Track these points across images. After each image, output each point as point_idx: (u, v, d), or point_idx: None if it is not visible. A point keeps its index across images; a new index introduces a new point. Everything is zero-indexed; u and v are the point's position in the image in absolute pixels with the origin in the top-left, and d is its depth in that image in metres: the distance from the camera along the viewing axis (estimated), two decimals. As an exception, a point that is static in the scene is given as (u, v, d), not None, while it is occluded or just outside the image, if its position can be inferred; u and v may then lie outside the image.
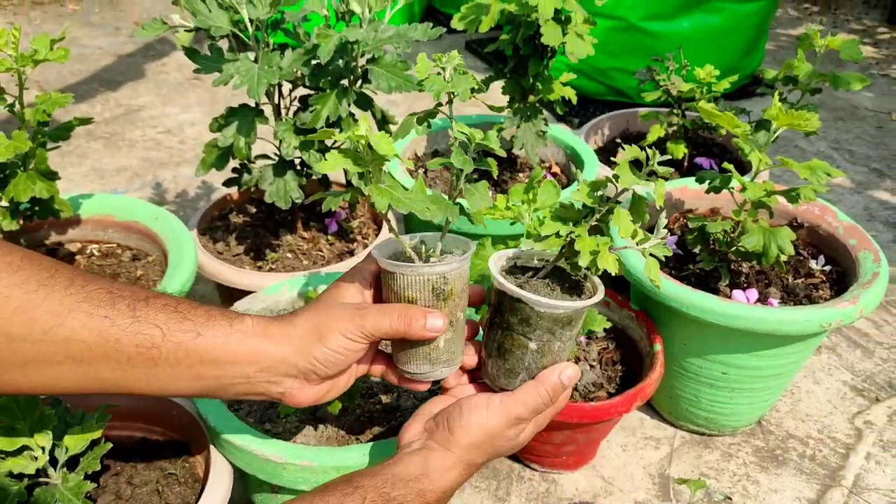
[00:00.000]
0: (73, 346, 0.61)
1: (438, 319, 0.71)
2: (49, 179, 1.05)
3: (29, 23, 3.21)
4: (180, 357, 0.65)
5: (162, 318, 0.65)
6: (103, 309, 0.62)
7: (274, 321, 0.70)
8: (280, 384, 0.70)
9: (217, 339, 0.66)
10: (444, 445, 0.71)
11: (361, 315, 0.70)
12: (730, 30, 2.42)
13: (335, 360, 0.70)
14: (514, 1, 1.25)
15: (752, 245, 1.13)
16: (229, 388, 0.69)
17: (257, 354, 0.68)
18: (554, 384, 0.73)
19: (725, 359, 1.19)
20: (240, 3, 1.07)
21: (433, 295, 0.72)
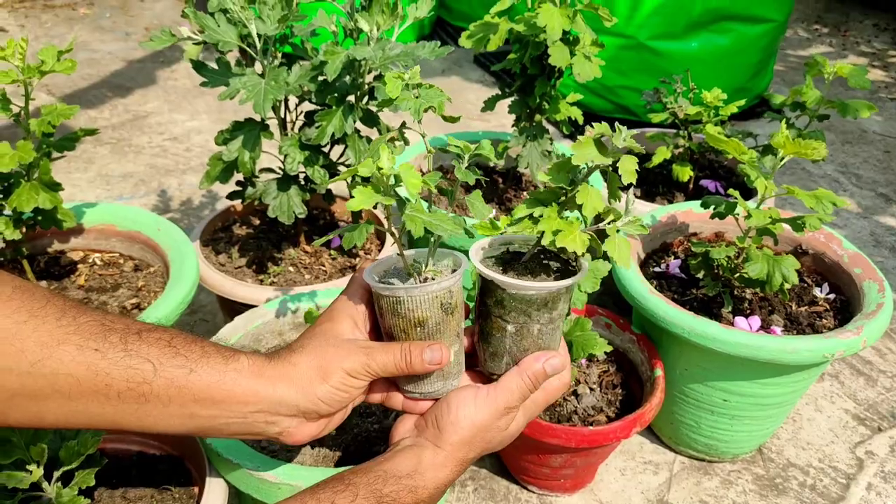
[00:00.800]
0: (61, 379, 0.60)
1: (437, 353, 0.70)
2: (52, 190, 1.05)
3: (40, 26, 3.22)
4: (172, 395, 0.63)
5: (154, 353, 0.63)
6: (94, 342, 0.61)
7: (270, 361, 0.68)
8: (277, 424, 0.68)
9: (212, 377, 0.65)
10: (434, 442, 0.70)
11: (367, 353, 0.69)
12: (738, 51, 2.42)
13: (339, 399, 0.69)
14: (523, 21, 1.25)
15: (755, 273, 1.13)
16: (224, 427, 0.67)
17: (255, 396, 0.66)
18: (536, 371, 0.72)
19: (727, 386, 1.18)
20: (248, 18, 1.07)
21: (442, 310, 0.71)
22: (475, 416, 0.70)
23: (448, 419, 0.70)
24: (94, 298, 1.21)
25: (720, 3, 2.32)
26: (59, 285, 1.23)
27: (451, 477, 0.71)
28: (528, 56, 1.29)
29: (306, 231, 1.41)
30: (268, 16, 1.09)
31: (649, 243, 1.37)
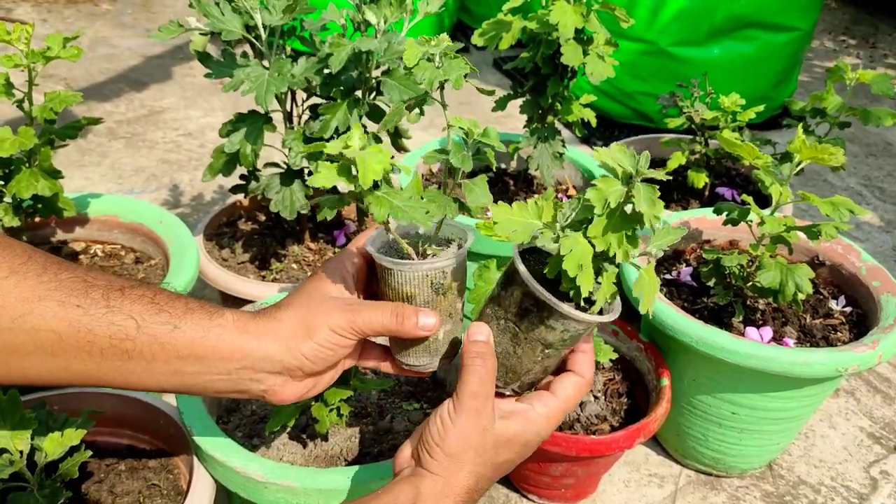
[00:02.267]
0: (42, 335, 0.59)
1: (431, 318, 0.68)
2: (52, 177, 1.04)
3: (62, 20, 3.24)
4: (155, 351, 0.62)
5: (137, 309, 0.62)
6: (76, 298, 0.60)
7: (255, 316, 0.67)
8: (262, 381, 0.67)
9: (195, 332, 0.63)
10: (430, 470, 0.66)
11: (353, 311, 0.67)
12: (762, 59, 2.38)
13: (324, 356, 0.67)
14: (536, 19, 1.22)
15: (768, 281, 1.09)
16: (209, 385, 0.66)
17: (240, 351, 0.65)
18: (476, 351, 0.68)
19: (736, 398, 1.15)
20: (254, 8, 1.05)
21: (432, 290, 0.69)
22: (453, 426, 0.66)
23: (432, 439, 0.67)
24: (93, 289, 1.19)
25: (744, 10, 2.28)
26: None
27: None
28: (541, 55, 1.27)
29: (311, 228, 1.39)
30: (274, 6, 1.07)
31: (660, 250, 1.34)
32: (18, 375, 0.61)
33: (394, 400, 1.07)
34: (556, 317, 0.66)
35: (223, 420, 1.03)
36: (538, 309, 0.67)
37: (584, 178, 1.54)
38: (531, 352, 0.69)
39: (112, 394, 1.02)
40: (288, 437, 1.00)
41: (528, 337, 0.68)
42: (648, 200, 0.62)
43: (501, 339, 0.70)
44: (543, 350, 0.69)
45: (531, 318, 0.67)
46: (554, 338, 0.68)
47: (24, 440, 0.83)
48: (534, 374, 0.72)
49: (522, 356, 0.70)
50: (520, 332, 0.69)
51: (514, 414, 0.69)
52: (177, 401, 0.97)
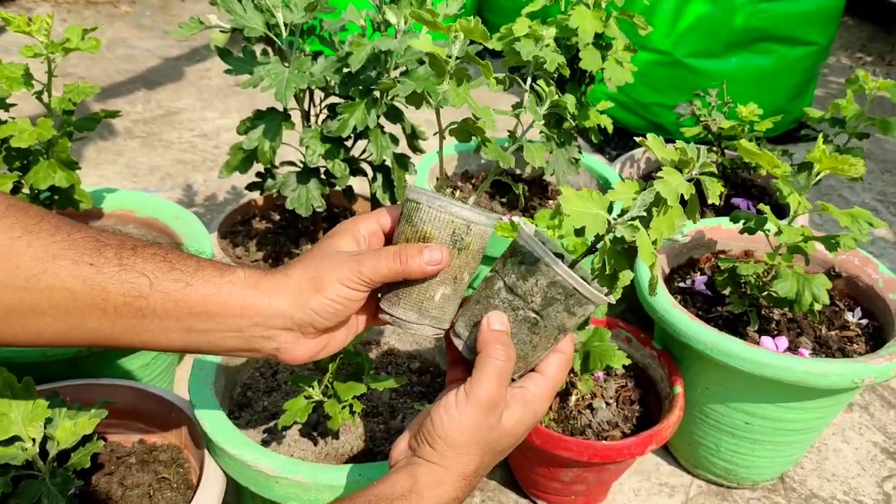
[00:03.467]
0: (57, 294, 0.59)
1: (437, 252, 0.66)
2: (70, 168, 1.05)
3: (81, 21, 3.27)
4: (168, 308, 0.62)
5: (150, 267, 0.62)
6: (89, 256, 0.60)
7: (267, 274, 0.67)
8: (274, 339, 0.66)
9: (207, 289, 0.63)
10: (428, 459, 0.65)
11: (358, 260, 0.66)
12: (778, 72, 2.37)
13: (334, 311, 0.66)
14: (555, 23, 1.22)
15: (784, 290, 1.08)
16: (220, 342, 0.66)
17: (251, 308, 0.64)
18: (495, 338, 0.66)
19: (749, 408, 1.14)
20: (275, 5, 1.06)
21: (451, 240, 0.67)
22: (460, 419, 0.64)
23: (435, 431, 0.65)
24: (107, 283, 1.20)
25: (761, 24, 2.27)
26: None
27: (453, 494, 0.65)
28: (559, 60, 1.26)
29: (325, 228, 1.39)
30: (296, 4, 1.07)
31: (675, 258, 1.33)
32: (33, 335, 0.62)
33: (405, 400, 1.07)
34: (583, 302, 0.66)
35: (234, 415, 1.03)
36: (566, 297, 0.66)
37: (599, 184, 1.54)
38: (546, 339, 0.69)
39: (125, 386, 1.02)
40: (299, 434, 1.00)
41: (548, 325, 0.68)
42: (714, 193, 0.64)
43: (518, 330, 0.69)
44: (557, 336, 0.69)
45: (556, 306, 0.67)
46: (571, 323, 0.68)
47: (38, 428, 0.83)
48: (538, 359, 0.71)
49: (538, 344, 0.69)
50: (540, 321, 0.68)
51: (513, 399, 0.68)
52: (189, 395, 0.97)
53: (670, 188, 0.62)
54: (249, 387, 1.08)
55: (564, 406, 1.16)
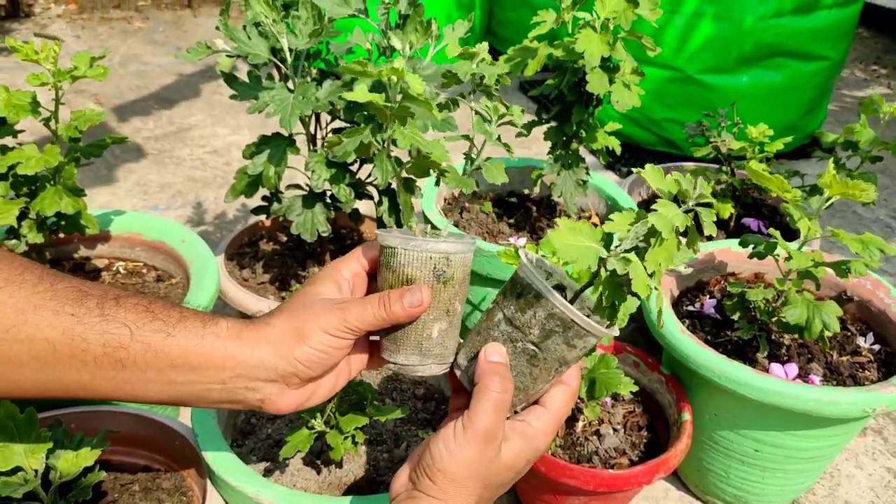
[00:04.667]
0: (37, 345, 0.59)
1: (417, 294, 0.66)
2: (76, 195, 1.05)
3: (95, 37, 3.30)
4: (149, 360, 0.62)
5: (132, 318, 0.61)
6: (70, 306, 0.60)
7: (249, 324, 0.66)
8: (258, 390, 0.65)
9: (189, 340, 0.63)
10: (428, 493, 0.64)
11: (343, 308, 0.65)
12: (791, 88, 2.36)
13: (319, 360, 0.65)
14: (561, 47, 1.22)
15: (794, 318, 1.07)
16: (205, 394, 0.65)
17: (233, 359, 0.64)
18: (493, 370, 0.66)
19: (758, 435, 1.12)
20: (280, 32, 1.06)
21: (433, 276, 0.67)
22: (459, 453, 0.64)
23: (434, 464, 0.64)
24: (113, 307, 1.20)
25: (774, 39, 2.26)
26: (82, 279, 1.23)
27: None
28: (566, 82, 1.26)
29: (332, 250, 1.39)
30: (300, 30, 1.07)
31: (683, 281, 1.32)
32: (12, 387, 0.61)
33: (409, 427, 1.06)
34: (583, 335, 0.65)
35: (238, 443, 1.03)
36: (564, 329, 0.66)
37: (608, 205, 1.53)
38: (547, 372, 0.68)
39: (128, 413, 1.02)
40: (302, 463, 0.99)
41: (547, 357, 0.67)
42: (710, 224, 0.64)
43: (517, 362, 0.68)
44: (558, 368, 0.68)
45: (555, 339, 0.66)
46: (572, 355, 0.67)
47: (40, 459, 0.83)
48: (541, 392, 0.71)
49: (538, 376, 0.68)
50: (539, 353, 0.67)
51: (513, 433, 0.67)
52: (192, 423, 0.96)
53: (665, 220, 0.62)
54: (253, 414, 1.08)
55: (571, 432, 1.14)
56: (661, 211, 0.62)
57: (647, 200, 1.70)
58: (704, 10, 2.24)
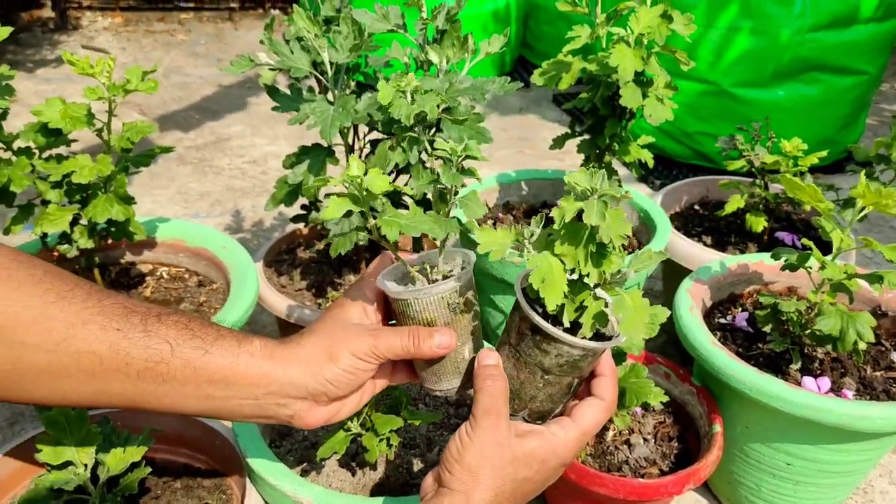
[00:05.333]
0: (84, 357, 0.62)
1: (445, 337, 0.72)
2: (126, 203, 1.09)
3: (140, 49, 3.39)
4: (188, 375, 0.65)
5: (172, 334, 0.65)
6: (116, 322, 0.63)
7: (281, 343, 0.70)
8: (288, 406, 0.70)
9: (225, 358, 0.67)
10: (450, 487, 0.68)
11: (374, 335, 0.70)
12: (827, 102, 2.34)
13: (346, 381, 0.70)
14: (595, 61, 1.24)
15: (827, 328, 1.07)
16: (237, 409, 0.69)
17: (266, 377, 0.68)
18: (486, 373, 0.72)
19: (790, 448, 1.12)
20: (321, 46, 1.09)
21: (450, 311, 0.72)
22: (469, 442, 0.68)
23: (451, 456, 0.69)
24: (157, 310, 1.24)
25: (810, 53, 2.26)
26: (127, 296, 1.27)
27: None
28: (600, 96, 1.28)
29: (368, 258, 1.42)
30: (341, 45, 1.11)
31: (716, 293, 1.33)
32: (60, 397, 0.65)
33: (442, 432, 1.08)
34: (549, 340, 0.69)
35: (276, 444, 1.06)
36: (532, 332, 0.70)
37: (640, 218, 1.54)
38: (532, 377, 0.72)
39: (171, 413, 1.05)
40: (338, 465, 1.02)
41: (527, 361, 0.72)
42: (599, 214, 0.66)
43: (507, 365, 0.74)
44: (543, 376, 0.72)
45: (527, 342, 0.71)
46: (550, 363, 0.71)
47: (89, 454, 0.87)
48: (539, 401, 0.74)
49: (525, 382, 0.73)
50: (520, 357, 0.72)
51: (530, 433, 0.72)
52: (233, 424, 1.00)
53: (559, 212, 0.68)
54: (291, 415, 1.11)
55: (601, 441, 1.16)
56: (562, 203, 0.69)
57: (681, 213, 1.71)
58: (741, 25, 2.25)
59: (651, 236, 1.44)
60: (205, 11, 4.02)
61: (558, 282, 0.69)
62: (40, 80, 2.97)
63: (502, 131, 2.77)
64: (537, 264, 0.69)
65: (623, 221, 0.69)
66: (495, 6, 3.08)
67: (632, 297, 0.71)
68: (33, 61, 3.15)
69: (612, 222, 0.68)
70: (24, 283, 0.61)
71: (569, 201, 0.69)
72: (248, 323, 1.64)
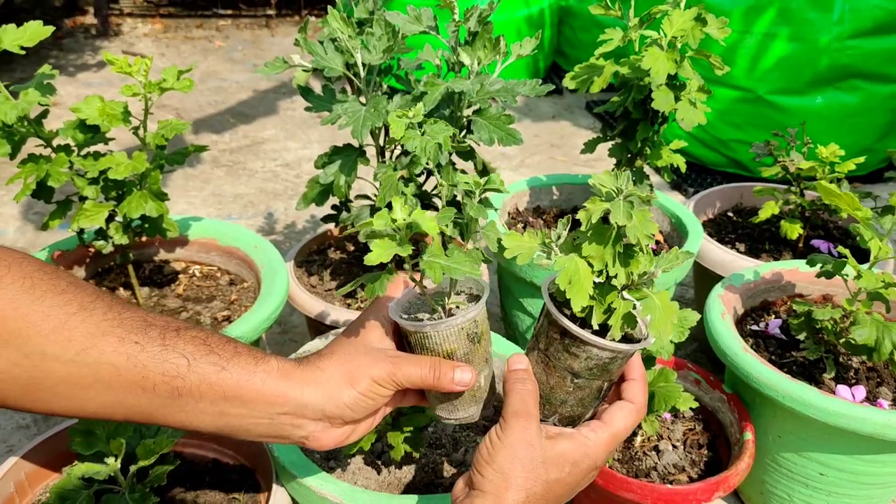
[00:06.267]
0: (103, 369, 0.62)
1: (467, 373, 0.72)
2: (160, 199, 1.11)
3: (178, 55, 3.45)
4: (203, 391, 0.65)
5: (190, 349, 0.65)
6: (135, 335, 0.64)
7: (300, 364, 0.70)
8: (303, 427, 0.70)
9: (241, 375, 0.66)
10: (481, 489, 0.68)
11: (394, 363, 0.70)
12: (866, 110, 2.30)
13: (364, 405, 0.70)
14: (628, 64, 1.23)
15: (862, 338, 1.05)
16: (252, 427, 0.69)
17: (282, 396, 0.68)
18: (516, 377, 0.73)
19: (824, 458, 1.10)
20: (355, 48, 1.10)
21: (469, 341, 0.72)
22: (499, 443, 0.69)
23: (481, 457, 0.69)
24: (189, 308, 1.26)
25: (849, 61, 2.22)
26: (160, 293, 1.29)
27: None
28: (632, 100, 1.27)
29: (398, 259, 1.42)
30: (374, 46, 1.12)
31: (748, 300, 1.31)
32: (77, 408, 0.65)
33: (468, 433, 1.08)
34: (578, 343, 0.69)
35: (302, 441, 1.06)
36: (561, 336, 0.70)
37: (672, 223, 1.53)
38: (561, 381, 0.72)
39: (201, 408, 1.06)
40: (363, 462, 1.02)
41: (556, 366, 0.71)
42: (625, 214, 0.67)
43: (537, 369, 0.73)
44: (573, 380, 0.72)
45: (556, 346, 0.71)
46: (579, 366, 0.70)
47: (120, 445, 0.88)
48: (570, 406, 0.74)
49: (555, 386, 0.72)
50: (550, 361, 0.72)
51: (561, 435, 0.71)
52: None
53: (586, 214, 0.69)
54: (318, 413, 1.11)
55: (629, 447, 1.14)
56: (588, 205, 0.69)
57: (714, 219, 1.69)
58: (778, 31, 2.22)
59: (683, 242, 1.43)
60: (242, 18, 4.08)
61: (585, 283, 0.69)
62: (82, 84, 3.04)
63: (534, 137, 2.76)
64: (564, 266, 0.69)
65: (649, 221, 0.69)
66: (529, 12, 3.08)
67: (660, 298, 0.71)
68: (75, 66, 3.23)
69: (638, 222, 0.68)
70: (48, 292, 0.62)
71: (595, 202, 0.69)
72: (279, 323, 1.66)
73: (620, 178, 0.70)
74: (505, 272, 1.44)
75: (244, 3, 4.16)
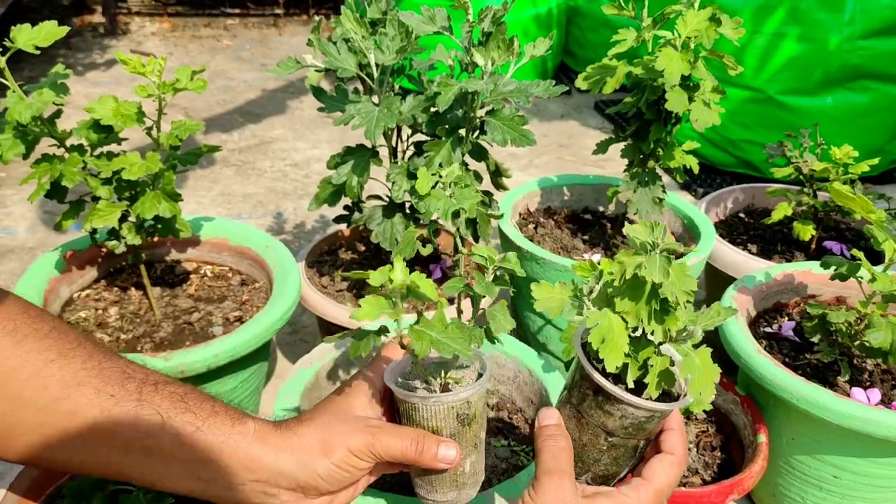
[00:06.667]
0: (76, 419, 0.60)
1: (452, 450, 0.67)
2: (173, 200, 1.11)
3: (186, 54, 3.46)
4: (175, 451, 0.62)
5: (165, 406, 0.63)
6: (112, 387, 0.62)
7: (276, 429, 0.67)
8: (277, 497, 0.66)
9: (216, 437, 0.64)
10: None
11: (373, 434, 0.66)
12: (877, 111, 2.29)
13: (339, 477, 0.66)
14: (641, 64, 1.23)
15: (877, 341, 1.04)
16: (223, 493, 0.65)
17: (256, 462, 0.64)
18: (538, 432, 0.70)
19: (838, 461, 1.09)
20: (368, 48, 1.10)
21: (458, 422, 0.68)
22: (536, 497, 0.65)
23: None
24: (201, 308, 1.26)
25: (860, 61, 2.21)
26: (172, 293, 1.29)
27: None
28: (645, 100, 1.27)
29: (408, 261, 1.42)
30: (387, 46, 1.12)
31: (761, 302, 1.30)
32: (48, 458, 0.63)
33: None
34: (613, 401, 0.66)
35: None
36: (595, 393, 0.67)
37: (684, 224, 1.52)
38: (595, 439, 0.68)
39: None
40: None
41: (589, 422, 0.68)
42: (662, 271, 0.62)
43: (568, 426, 0.70)
44: (607, 438, 0.68)
45: (589, 403, 0.67)
46: (614, 425, 0.67)
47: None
48: (603, 465, 0.70)
49: (588, 444, 0.69)
50: (582, 417, 0.68)
51: (598, 493, 0.67)
52: (273, 419, 1.00)
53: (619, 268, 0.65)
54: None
55: (642, 449, 1.14)
56: (621, 258, 0.65)
57: (725, 220, 1.68)
58: (788, 31, 2.21)
59: (695, 243, 1.42)
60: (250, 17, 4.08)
61: (619, 341, 0.65)
62: (90, 83, 3.05)
63: (543, 137, 2.76)
64: (597, 322, 0.65)
65: (688, 276, 0.65)
66: (537, 11, 3.08)
67: (700, 357, 0.66)
68: (84, 65, 3.23)
69: (676, 278, 0.64)
70: (28, 336, 0.61)
71: (628, 255, 0.65)
72: (289, 323, 1.66)
73: (657, 231, 0.65)
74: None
75: (252, 2, 4.17)
